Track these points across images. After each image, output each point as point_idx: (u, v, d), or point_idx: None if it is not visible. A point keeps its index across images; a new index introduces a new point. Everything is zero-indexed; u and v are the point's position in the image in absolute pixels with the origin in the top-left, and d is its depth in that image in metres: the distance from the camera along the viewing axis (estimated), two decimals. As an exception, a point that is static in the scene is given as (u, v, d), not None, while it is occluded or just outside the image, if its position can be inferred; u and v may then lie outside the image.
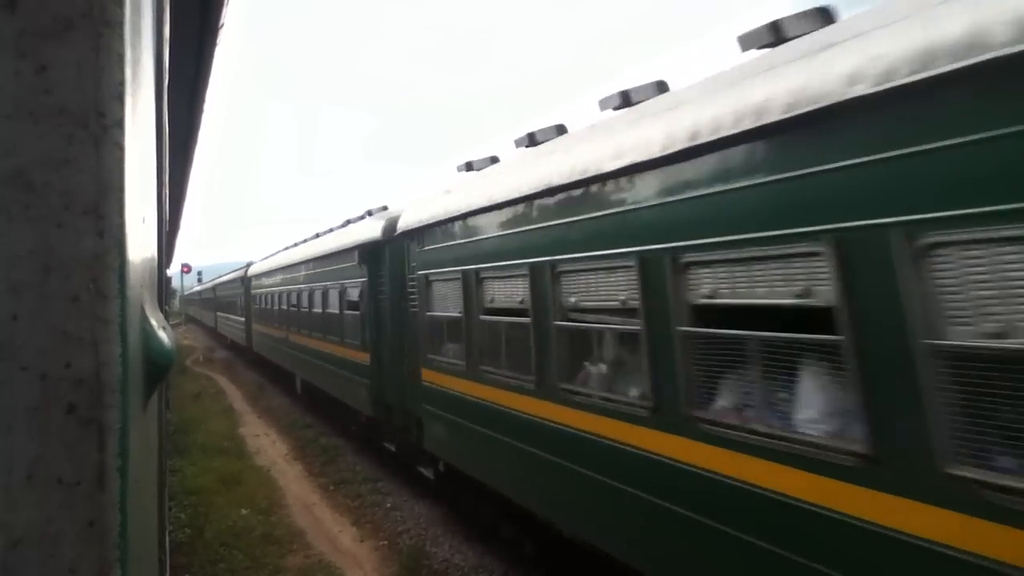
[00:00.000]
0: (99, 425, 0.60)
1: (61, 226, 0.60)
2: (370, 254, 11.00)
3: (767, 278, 3.75)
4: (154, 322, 1.00)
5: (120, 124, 0.63)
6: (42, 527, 0.57)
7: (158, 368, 0.98)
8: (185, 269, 53.22)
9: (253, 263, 26.54)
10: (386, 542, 8.68)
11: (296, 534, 9.02)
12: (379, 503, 10.12)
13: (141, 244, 0.93)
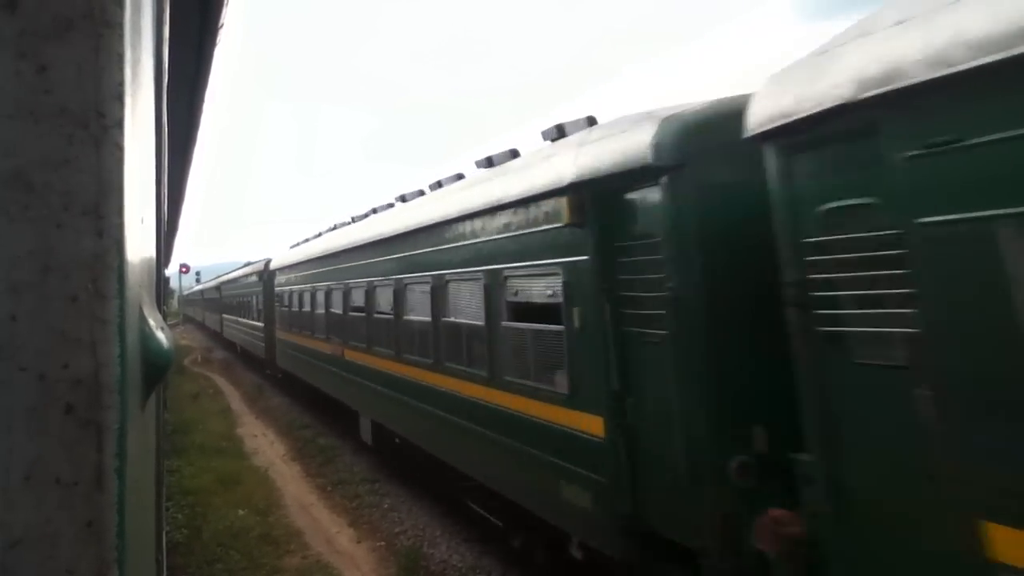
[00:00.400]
0: (97, 425, 0.60)
1: (60, 226, 0.60)
2: (612, 202, 5.08)
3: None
4: (152, 322, 1.00)
5: (120, 124, 0.63)
6: (40, 527, 0.57)
7: (156, 368, 0.98)
8: (183, 269, 53.14)
9: (272, 258, 21.81)
10: (384, 543, 8.68)
11: (294, 535, 9.01)
12: (377, 504, 10.11)
13: (140, 244, 0.93)
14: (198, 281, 61.00)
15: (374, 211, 12.11)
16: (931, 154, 2.76)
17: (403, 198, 10.73)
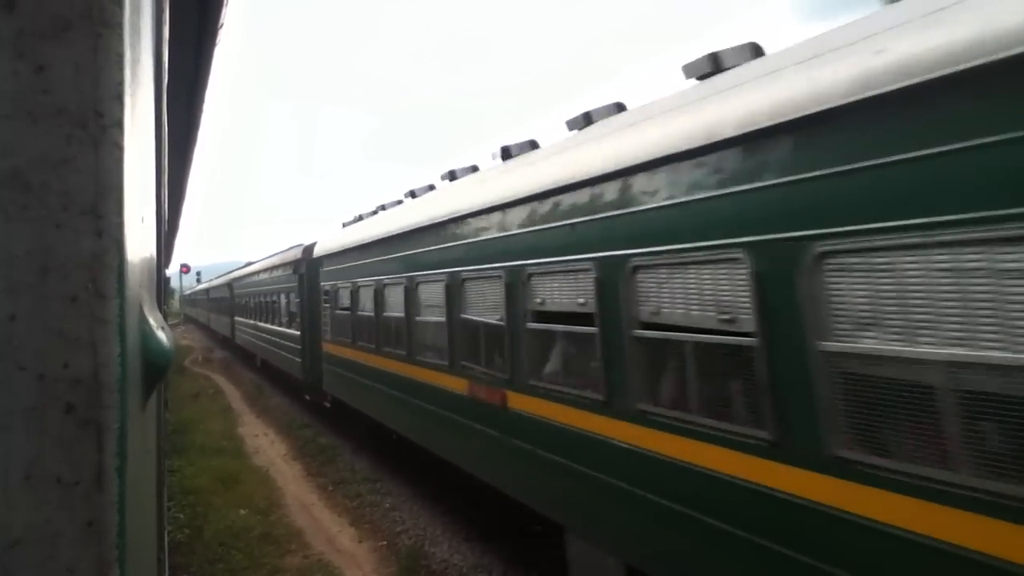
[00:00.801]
0: (97, 425, 0.59)
1: (59, 226, 0.59)
2: None
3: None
4: (153, 322, 1.00)
5: (119, 124, 0.63)
6: (40, 527, 0.57)
7: (157, 368, 0.98)
8: (184, 269, 53.17)
9: (317, 241, 15.30)
10: (385, 542, 8.68)
11: (295, 534, 9.01)
12: (378, 503, 10.12)
13: (140, 244, 0.93)
14: (198, 281, 60.88)
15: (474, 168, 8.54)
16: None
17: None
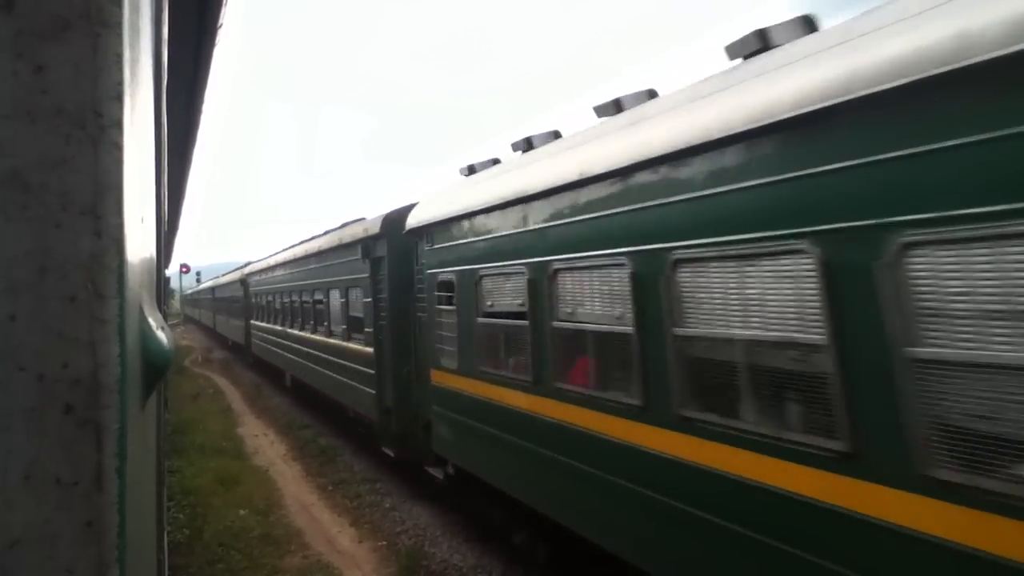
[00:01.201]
0: (97, 425, 0.59)
1: (59, 226, 0.59)
2: None
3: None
4: (152, 322, 1.00)
5: (118, 124, 0.63)
6: (40, 527, 0.57)
7: (156, 368, 0.98)
8: (184, 269, 53.15)
9: (418, 205, 9.31)
10: (385, 542, 8.68)
11: (294, 534, 9.01)
12: (377, 503, 10.12)
13: (139, 244, 0.93)
14: (198, 281, 60.81)
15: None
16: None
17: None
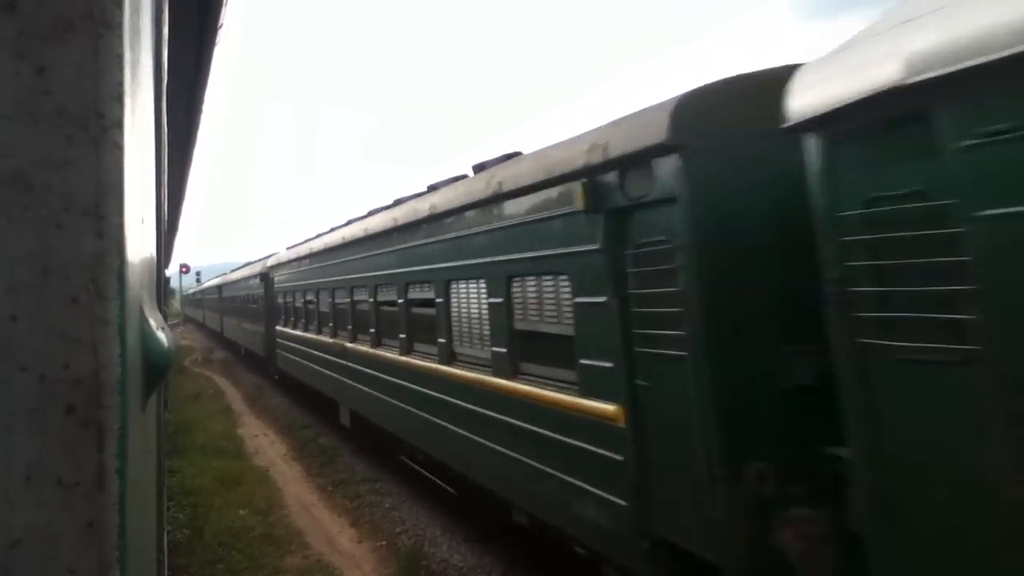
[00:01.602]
0: (98, 426, 0.59)
1: (60, 227, 0.59)
2: None
3: None
4: (153, 323, 1.00)
5: (119, 125, 0.63)
6: (41, 528, 0.57)
7: (157, 369, 0.98)
8: (184, 269, 53.12)
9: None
10: (384, 542, 8.67)
11: (295, 534, 9.00)
12: (377, 503, 10.11)
13: (140, 245, 0.93)
14: (198, 281, 60.73)
15: None
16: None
17: None
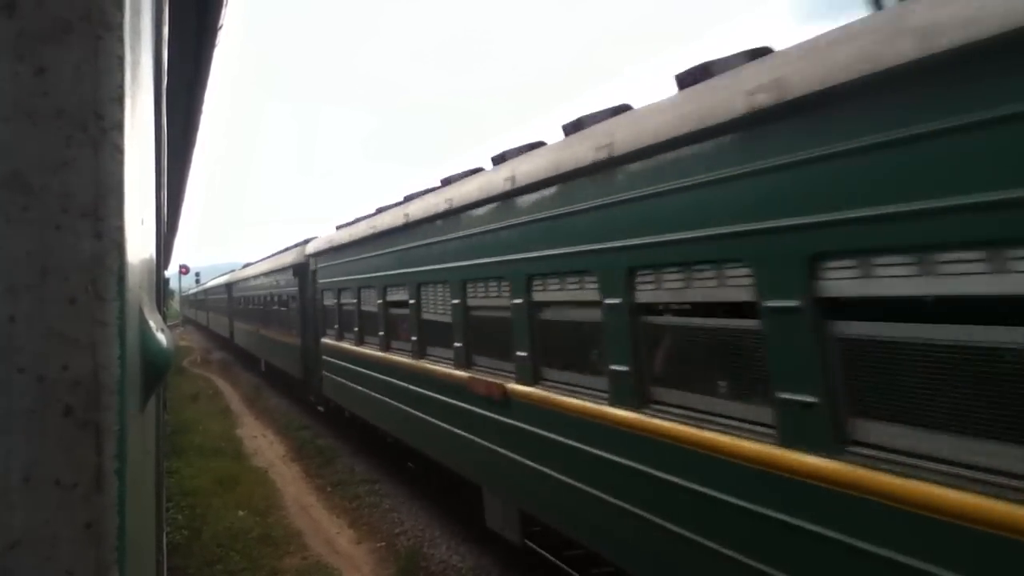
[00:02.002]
0: (97, 427, 0.59)
1: (59, 228, 0.59)
2: None
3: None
4: (152, 324, 1.00)
5: (119, 126, 0.63)
6: (39, 529, 0.57)
7: (156, 370, 0.98)
8: (183, 270, 53.08)
9: None
10: (383, 543, 8.67)
11: (293, 535, 9.00)
12: (376, 504, 10.11)
13: (140, 246, 0.93)
14: (197, 282, 60.64)
15: None
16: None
17: None
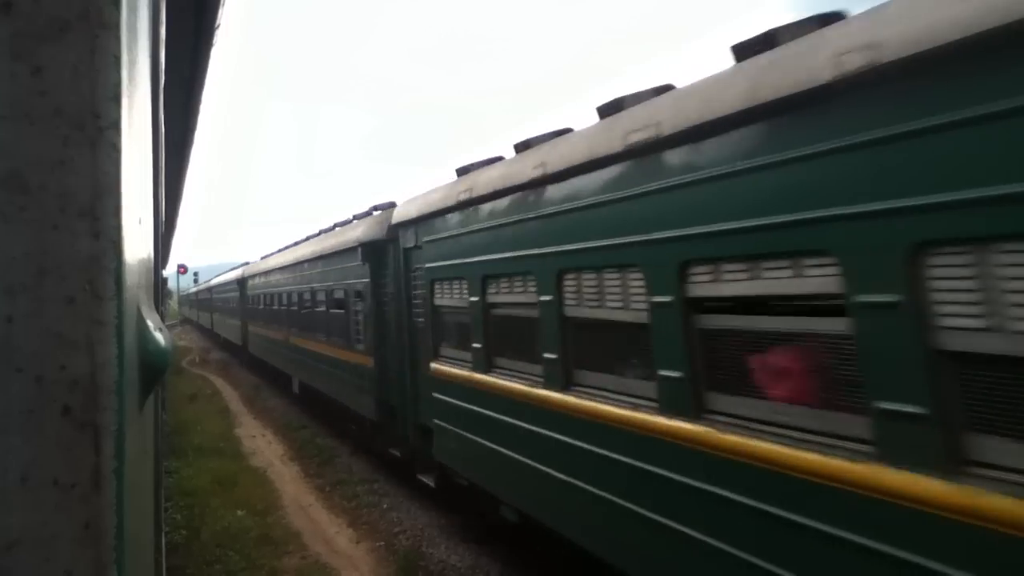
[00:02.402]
0: (95, 427, 0.59)
1: (57, 228, 0.59)
2: None
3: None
4: (150, 323, 1.00)
5: (116, 126, 0.63)
6: (38, 529, 0.57)
7: (154, 370, 0.98)
8: (181, 270, 53.02)
9: None
10: (382, 543, 8.67)
11: (292, 535, 8.99)
12: (375, 504, 10.10)
13: (137, 245, 0.93)
14: (196, 282, 60.57)
15: None
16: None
17: None
